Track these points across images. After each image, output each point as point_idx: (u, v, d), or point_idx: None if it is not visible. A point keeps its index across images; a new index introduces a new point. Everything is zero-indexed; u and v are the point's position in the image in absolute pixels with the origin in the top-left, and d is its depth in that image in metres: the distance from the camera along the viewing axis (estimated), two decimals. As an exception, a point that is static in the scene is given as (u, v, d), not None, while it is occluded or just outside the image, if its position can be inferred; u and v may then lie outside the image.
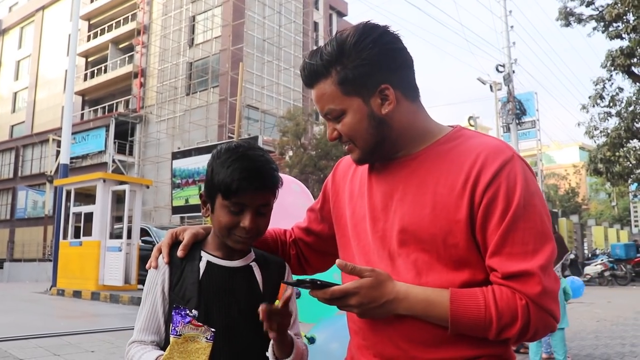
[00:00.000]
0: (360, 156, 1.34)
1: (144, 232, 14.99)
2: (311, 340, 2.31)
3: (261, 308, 1.24)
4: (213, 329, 1.28)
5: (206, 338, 1.27)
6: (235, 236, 1.37)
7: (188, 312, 1.27)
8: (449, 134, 1.32)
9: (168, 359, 1.23)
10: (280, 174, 1.50)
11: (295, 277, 1.51)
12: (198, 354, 1.25)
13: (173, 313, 1.27)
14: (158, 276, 1.39)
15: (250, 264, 1.45)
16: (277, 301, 1.43)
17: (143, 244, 14.36)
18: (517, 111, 24.56)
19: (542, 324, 1.15)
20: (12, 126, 45.00)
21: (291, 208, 1.78)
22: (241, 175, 1.33)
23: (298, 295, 2.13)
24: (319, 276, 1.39)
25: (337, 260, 1.21)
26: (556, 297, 1.17)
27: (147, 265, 1.42)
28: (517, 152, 1.23)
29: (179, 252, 1.41)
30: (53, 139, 32.30)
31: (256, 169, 1.35)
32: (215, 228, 1.41)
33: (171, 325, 1.26)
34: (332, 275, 1.56)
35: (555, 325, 1.18)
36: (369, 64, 1.24)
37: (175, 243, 1.44)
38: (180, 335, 1.24)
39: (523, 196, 1.16)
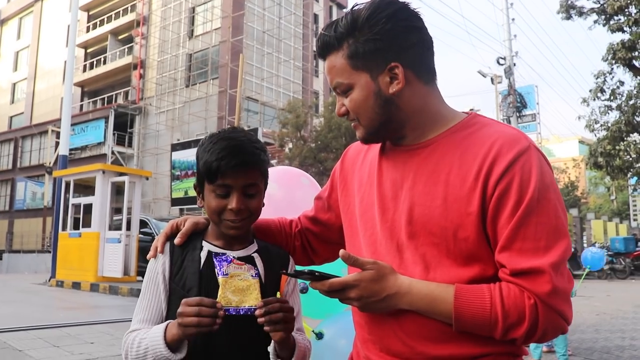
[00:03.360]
0: (365, 135, 1.30)
1: (143, 224, 14.96)
2: (319, 335, 2.27)
3: (258, 304, 1.21)
4: (256, 268, 1.30)
5: (252, 275, 1.28)
6: (226, 221, 1.36)
7: (228, 255, 1.30)
8: (463, 120, 1.26)
9: (222, 298, 1.22)
10: (290, 167, 1.48)
11: (298, 268, 1.48)
12: (250, 290, 1.25)
13: (215, 259, 1.28)
14: (158, 266, 1.38)
15: (252, 254, 1.43)
16: (279, 293, 1.40)
17: (142, 236, 14.34)
18: (517, 104, 24.51)
19: (552, 325, 1.10)
20: (11, 117, 44.90)
21: (301, 203, 1.74)
22: (219, 155, 1.32)
23: (305, 290, 2.10)
24: (327, 266, 1.36)
25: (341, 251, 1.17)
26: (568, 297, 1.11)
27: (148, 256, 1.41)
28: (533, 142, 1.17)
29: (176, 240, 1.40)
30: (52, 130, 32.22)
31: (234, 147, 1.34)
32: (208, 215, 1.40)
33: (215, 269, 1.27)
34: (340, 269, 1.52)
35: (565, 326, 1.12)
36: (380, 40, 1.20)
37: (175, 233, 1.42)
38: (227, 274, 1.25)
39: (538, 189, 1.11)
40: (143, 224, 14.94)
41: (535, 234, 1.10)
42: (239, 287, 1.24)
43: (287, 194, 2.35)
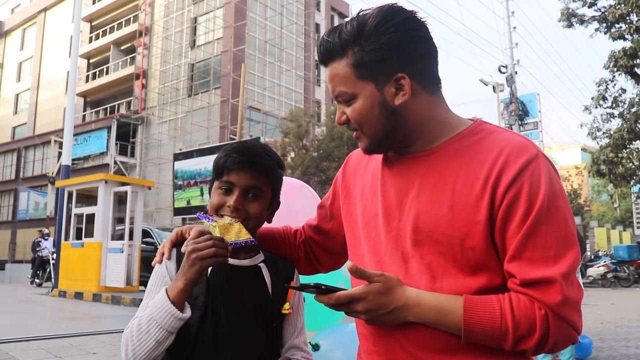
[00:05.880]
0: (369, 145, 1.27)
1: (146, 234, 14.95)
2: (316, 347, 2.27)
3: None
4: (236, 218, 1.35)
5: (233, 219, 1.34)
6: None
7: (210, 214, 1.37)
8: (469, 127, 1.24)
9: (215, 234, 1.27)
10: (292, 179, 1.48)
11: (303, 281, 1.46)
12: (239, 233, 1.30)
13: (199, 216, 1.35)
14: (164, 270, 1.38)
15: (259, 264, 1.43)
16: (287, 304, 1.40)
17: (145, 246, 14.32)
18: (519, 112, 24.54)
19: (562, 336, 1.08)
20: (14, 127, 45.05)
21: (302, 215, 1.74)
22: (228, 153, 1.39)
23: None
24: (329, 275, 1.35)
25: (348, 263, 1.14)
26: (578, 307, 1.09)
27: (153, 262, 1.41)
28: (541, 150, 1.16)
29: (183, 247, 1.38)
30: (55, 141, 32.32)
31: (244, 147, 1.40)
32: (209, 213, 1.41)
33: (203, 220, 1.34)
34: (337, 281, 1.51)
35: (576, 336, 1.10)
36: (387, 50, 1.16)
37: (180, 241, 1.41)
38: (214, 221, 1.31)
39: (547, 197, 1.09)
40: (145, 233, 14.93)
41: (545, 243, 1.08)
42: (228, 231, 1.29)
43: (289, 206, 2.35)
